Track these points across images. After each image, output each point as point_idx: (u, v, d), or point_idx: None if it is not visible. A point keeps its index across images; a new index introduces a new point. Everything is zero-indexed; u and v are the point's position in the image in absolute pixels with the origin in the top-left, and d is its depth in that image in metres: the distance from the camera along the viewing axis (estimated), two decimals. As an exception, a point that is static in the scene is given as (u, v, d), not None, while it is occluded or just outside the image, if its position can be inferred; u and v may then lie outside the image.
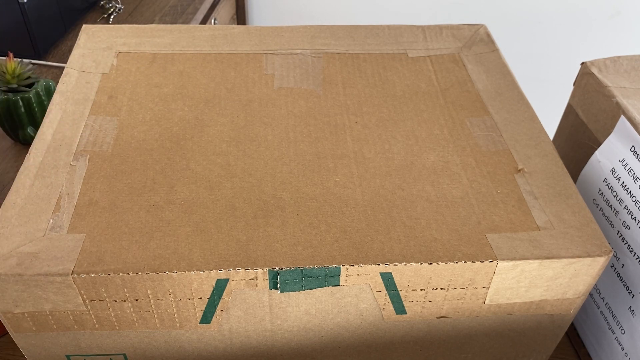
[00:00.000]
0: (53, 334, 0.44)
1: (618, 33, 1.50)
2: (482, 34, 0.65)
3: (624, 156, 0.50)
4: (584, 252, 0.43)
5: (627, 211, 0.49)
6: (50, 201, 0.45)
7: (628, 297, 0.49)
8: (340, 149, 0.51)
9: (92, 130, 0.51)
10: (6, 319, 0.42)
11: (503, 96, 0.58)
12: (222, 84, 0.57)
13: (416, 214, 0.45)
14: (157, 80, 0.57)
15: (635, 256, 0.48)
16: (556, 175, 0.49)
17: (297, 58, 0.61)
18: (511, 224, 0.45)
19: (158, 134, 0.51)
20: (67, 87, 0.55)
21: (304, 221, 0.44)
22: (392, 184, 0.48)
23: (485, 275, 0.43)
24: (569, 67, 0.96)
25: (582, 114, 0.58)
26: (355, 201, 0.46)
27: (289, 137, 0.52)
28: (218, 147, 0.50)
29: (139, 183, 0.47)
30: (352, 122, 0.54)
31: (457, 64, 0.62)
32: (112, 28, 0.64)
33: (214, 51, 0.62)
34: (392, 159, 0.50)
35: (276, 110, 0.55)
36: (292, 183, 0.47)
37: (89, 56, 0.59)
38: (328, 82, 0.58)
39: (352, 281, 0.42)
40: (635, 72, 0.56)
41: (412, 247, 0.43)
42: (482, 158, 0.51)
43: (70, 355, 0.46)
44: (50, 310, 0.42)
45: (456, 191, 0.47)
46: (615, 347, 0.52)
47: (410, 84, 0.59)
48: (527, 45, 1.53)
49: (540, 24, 1.53)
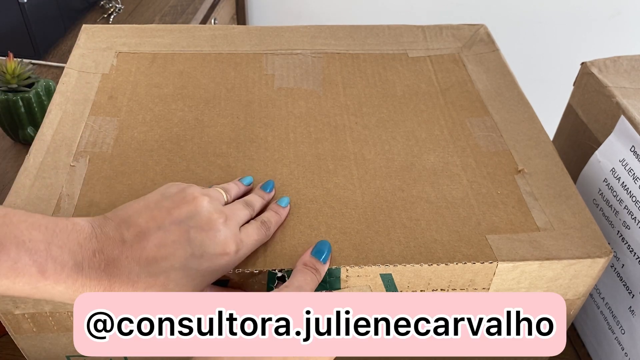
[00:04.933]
0: (53, 335, 0.44)
1: (618, 33, 1.50)
2: (482, 34, 0.65)
3: (624, 156, 0.50)
4: (584, 253, 0.43)
5: (627, 211, 0.49)
6: (50, 202, 0.45)
7: (628, 297, 0.49)
8: (340, 150, 0.51)
9: (92, 131, 0.51)
10: (6, 320, 0.42)
11: (503, 96, 0.58)
12: (222, 84, 0.57)
13: (416, 215, 0.45)
14: (157, 80, 0.57)
15: (635, 256, 0.48)
16: (556, 176, 0.49)
17: (297, 58, 0.61)
18: (511, 224, 0.45)
19: (158, 134, 0.51)
20: (67, 87, 0.55)
21: (304, 223, 0.44)
22: (392, 186, 0.48)
23: (485, 276, 0.43)
24: (569, 67, 0.96)
25: (582, 114, 0.58)
26: (355, 203, 0.46)
27: (289, 138, 0.52)
28: (218, 148, 0.50)
29: (139, 184, 0.47)
30: (352, 122, 0.54)
31: (457, 64, 0.62)
32: (112, 28, 0.64)
33: (214, 51, 0.62)
34: (392, 160, 0.50)
35: (276, 111, 0.55)
36: (292, 185, 0.47)
37: (88, 56, 0.59)
38: (328, 82, 0.58)
39: (352, 282, 0.42)
40: (635, 72, 0.56)
41: (412, 248, 0.43)
42: (482, 159, 0.51)
43: (70, 356, 0.46)
44: (50, 312, 0.42)
45: (456, 192, 0.47)
46: (615, 347, 0.52)
47: (411, 84, 0.59)
48: (527, 45, 1.53)
49: (540, 24, 1.53)
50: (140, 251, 0.36)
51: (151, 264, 0.36)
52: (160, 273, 0.36)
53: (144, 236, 0.36)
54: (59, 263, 0.34)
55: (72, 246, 0.35)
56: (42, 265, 0.33)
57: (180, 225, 0.37)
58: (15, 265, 0.33)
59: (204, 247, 0.37)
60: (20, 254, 0.33)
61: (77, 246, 0.35)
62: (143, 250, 0.36)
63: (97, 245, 0.35)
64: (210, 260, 0.37)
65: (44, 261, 0.33)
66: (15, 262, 0.33)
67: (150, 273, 0.36)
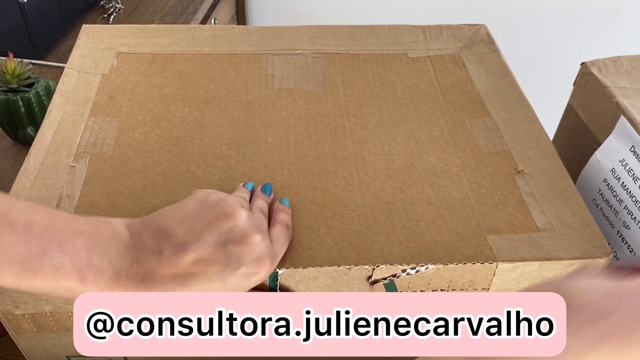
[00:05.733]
0: (53, 335, 0.44)
1: (618, 33, 1.50)
2: (482, 34, 0.65)
3: (624, 156, 0.50)
4: (584, 253, 0.43)
5: (627, 211, 0.49)
6: (51, 203, 0.45)
7: (628, 298, 0.49)
8: (340, 151, 0.51)
9: (92, 132, 0.51)
10: (7, 321, 0.42)
11: (503, 97, 0.58)
12: (222, 84, 0.57)
13: (416, 216, 0.45)
14: (157, 81, 0.57)
15: (635, 256, 0.48)
16: (556, 176, 0.49)
17: (297, 58, 0.61)
18: (511, 225, 0.45)
19: (158, 135, 0.51)
20: (67, 88, 0.55)
21: (304, 224, 0.44)
22: (392, 186, 0.48)
23: (485, 276, 0.43)
24: (569, 67, 0.96)
25: (582, 114, 0.58)
26: (355, 204, 0.46)
27: (289, 139, 0.52)
28: (218, 150, 0.50)
29: (139, 185, 0.47)
30: (352, 123, 0.54)
31: (457, 65, 0.62)
32: (112, 28, 0.64)
33: (214, 51, 0.62)
34: (392, 161, 0.50)
35: (276, 112, 0.55)
36: (292, 186, 0.47)
37: (89, 56, 0.59)
38: (328, 83, 0.58)
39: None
40: (635, 72, 0.56)
41: (412, 249, 0.43)
42: (482, 159, 0.51)
43: (71, 357, 0.46)
44: (50, 312, 0.42)
45: (456, 193, 0.47)
46: (615, 348, 0.52)
47: (411, 84, 0.59)
48: (527, 45, 1.53)
49: (540, 24, 1.53)
50: (177, 265, 0.36)
51: (188, 278, 0.36)
52: (195, 286, 0.37)
53: (182, 250, 0.37)
54: (99, 271, 0.35)
55: (112, 255, 0.36)
56: (83, 273, 0.34)
57: (219, 238, 0.38)
58: (58, 272, 0.34)
59: (240, 261, 0.37)
60: (63, 261, 0.34)
61: (117, 255, 0.36)
62: (180, 264, 0.36)
63: (135, 255, 0.36)
64: (246, 275, 0.38)
65: (85, 269, 0.34)
66: (58, 269, 0.34)
67: (186, 286, 0.36)
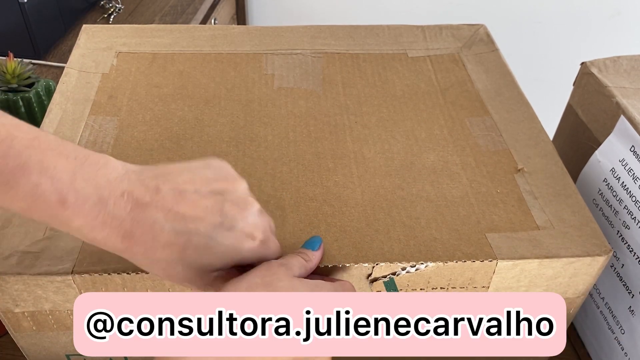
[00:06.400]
0: (53, 334, 0.44)
1: (618, 33, 1.50)
2: (482, 34, 0.65)
3: (623, 156, 0.50)
4: (583, 251, 0.43)
5: (627, 211, 0.49)
6: (50, 201, 0.45)
7: (628, 297, 0.49)
8: (340, 149, 0.51)
9: (92, 130, 0.51)
10: (6, 319, 0.42)
11: (503, 96, 0.58)
12: (222, 84, 0.57)
13: (416, 214, 0.45)
14: (157, 80, 0.57)
15: (635, 256, 0.48)
16: (556, 175, 0.49)
17: (297, 58, 0.61)
18: (511, 223, 0.45)
19: (158, 134, 0.51)
20: (67, 87, 0.55)
21: (303, 221, 0.44)
22: (392, 184, 0.48)
23: (484, 274, 0.43)
24: (569, 67, 0.96)
25: (582, 114, 0.58)
26: (355, 201, 0.46)
27: (289, 137, 0.52)
28: (218, 148, 0.50)
29: (139, 183, 0.47)
30: (352, 122, 0.54)
31: (457, 64, 0.62)
32: (112, 28, 0.64)
33: (214, 51, 0.62)
34: (392, 158, 0.50)
35: (276, 110, 0.55)
36: (292, 183, 0.47)
37: (89, 56, 0.59)
38: (328, 82, 0.58)
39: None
40: (635, 72, 0.56)
41: (411, 247, 0.43)
42: (482, 158, 0.51)
43: (70, 355, 0.46)
44: (50, 310, 0.42)
45: (456, 191, 0.47)
46: (615, 347, 0.52)
47: (410, 84, 0.59)
48: (527, 45, 1.53)
49: (540, 24, 1.53)
50: (172, 204, 0.34)
51: (179, 220, 0.34)
52: (184, 233, 0.34)
53: (180, 193, 0.35)
54: (82, 196, 0.32)
55: (100, 181, 0.33)
56: (63, 195, 0.32)
57: (217, 195, 0.36)
58: (34, 190, 0.31)
59: (234, 221, 0.36)
60: (41, 179, 0.31)
61: (106, 182, 0.33)
62: (175, 204, 0.34)
63: (127, 187, 0.34)
64: (236, 238, 0.36)
65: (66, 191, 0.32)
66: (35, 187, 0.31)
67: (175, 230, 0.34)
